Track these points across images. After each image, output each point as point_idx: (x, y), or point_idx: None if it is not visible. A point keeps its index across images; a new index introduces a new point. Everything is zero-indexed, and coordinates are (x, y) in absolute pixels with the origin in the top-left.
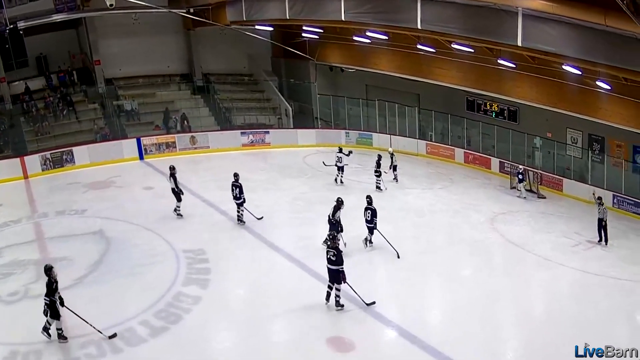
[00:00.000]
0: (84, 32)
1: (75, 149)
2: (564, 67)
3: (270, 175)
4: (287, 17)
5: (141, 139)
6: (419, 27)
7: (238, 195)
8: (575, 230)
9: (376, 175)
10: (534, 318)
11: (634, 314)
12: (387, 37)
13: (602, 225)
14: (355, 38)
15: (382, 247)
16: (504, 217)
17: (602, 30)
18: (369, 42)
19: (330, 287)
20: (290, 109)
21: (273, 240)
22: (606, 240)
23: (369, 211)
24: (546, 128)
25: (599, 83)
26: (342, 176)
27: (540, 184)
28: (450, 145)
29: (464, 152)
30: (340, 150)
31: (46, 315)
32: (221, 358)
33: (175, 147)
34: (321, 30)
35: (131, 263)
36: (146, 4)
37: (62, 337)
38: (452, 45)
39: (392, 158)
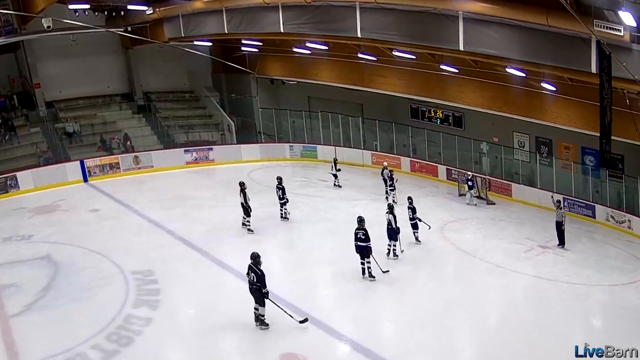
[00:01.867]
0: (23, 56)
1: (19, 174)
2: (507, 70)
3: (216, 192)
4: (226, 32)
5: (84, 161)
6: (359, 35)
7: (282, 196)
8: (526, 235)
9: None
10: (488, 327)
11: (590, 318)
12: (327, 47)
13: (560, 229)
14: (295, 49)
15: (333, 262)
16: (454, 225)
17: (545, 31)
18: (309, 53)
19: (362, 263)
20: (232, 124)
21: (222, 258)
22: (563, 243)
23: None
24: (492, 133)
25: (544, 85)
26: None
27: (489, 190)
28: (396, 155)
29: (410, 160)
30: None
31: None
32: None
33: (119, 167)
34: (260, 43)
35: (80, 287)
36: (83, 24)
37: None
38: (394, 53)
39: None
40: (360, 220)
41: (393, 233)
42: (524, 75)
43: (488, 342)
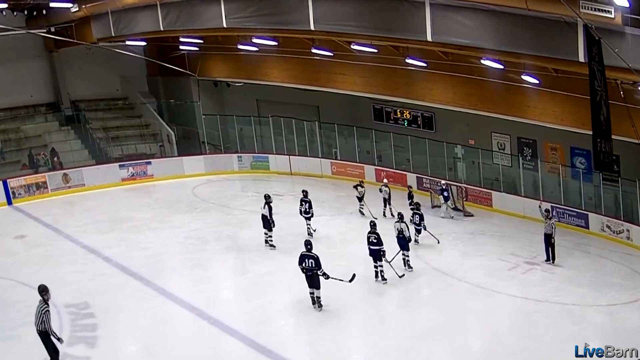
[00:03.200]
0: None
1: None
2: (483, 62)
3: (157, 212)
4: (161, 29)
5: (7, 181)
6: (312, 28)
7: (307, 210)
8: (510, 250)
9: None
10: (471, 356)
11: (587, 344)
12: (276, 43)
13: (549, 242)
14: (241, 47)
15: (292, 288)
16: (427, 242)
17: (524, 15)
18: (256, 51)
19: (375, 266)
20: (172, 134)
21: (165, 287)
22: (553, 259)
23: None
24: (468, 135)
25: (525, 77)
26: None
27: (466, 200)
28: (359, 163)
29: (375, 169)
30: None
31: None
32: None
33: (47, 187)
34: (201, 41)
35: (9, 324)
36: (0, 26)
37: None
38: (352, 47)
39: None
40: (373, 225)
41: (404, 242)
42: (501, 67)
43: None
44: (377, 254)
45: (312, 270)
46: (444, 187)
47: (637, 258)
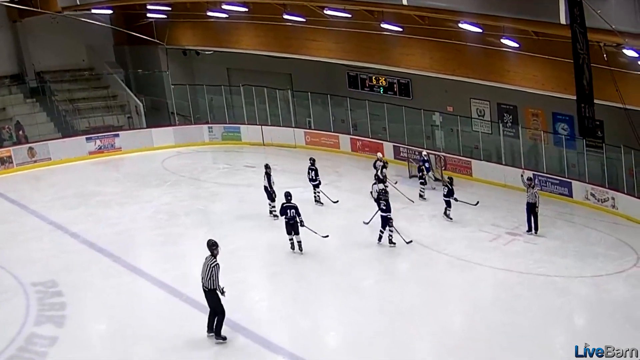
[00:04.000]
0: None
1: None
2: (460, 25)
3: (126, 187)
4: None
5: None
6: None
7: (314, 178)
8: (491, 221)
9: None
10: (452, 334)
11: (572, 317)
12: (247, 9)
13: (532, 212)
14: (210, 13)
15: (267, 262)
16: (406, 213)
17: None
18: (226, 17)
19: (382, 231)
20: (141, 105)
21: (135, 264)
22: (536, 229)
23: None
24: (446, 101)
25: (504, 41)
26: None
27: (445, 169)
28: (334, 132)
29: (350, 138)
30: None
31: None
32: None
33: (12, 162)
34: (169, 8)
35: None
36: None
37: None
38: (325, 12)
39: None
40: (385, 192)
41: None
42: (480, 31)
43: (453, 353)
44: (385, 220)
45: (294, 218)
46: (425, 158)
47: (623, 227)
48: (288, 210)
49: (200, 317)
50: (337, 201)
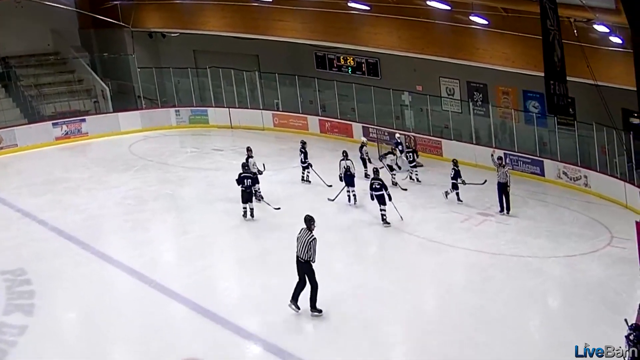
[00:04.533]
0: None
1: None
2: (428, 3)
3: (93, 172)
4: None
5: None
6: None
7: (304, 160)
8: (463, 202)
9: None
10: (424, 318)
11: (546, 299)
12: None
13: (504, 192)
14: None
15: (236, 248)
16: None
17: None
18: None
19: (381, 209)
20: (107, 89)
21: (104, 251)
22: (508, 209)
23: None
24: (415, 81)
25: (473, 18)
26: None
27: (415, 148)
28: (302, 114)
29: (319, 119)
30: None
31: None
32: None
33: None
34: None
35: None
36: None
37: None
38: None
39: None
40: (376, 172)
41: (350, 179)
42: (448, 8)
43: (424, 338)
44: (381, 198)
45: (250, 187)
46: (399, 141)
47: (596, 206)
48: (245, 180)
49: (169, 302)
50: (331, 185)
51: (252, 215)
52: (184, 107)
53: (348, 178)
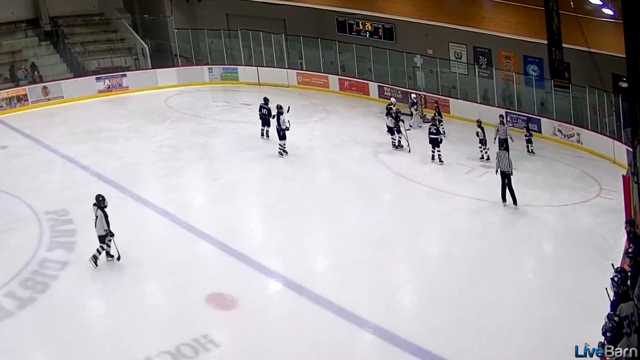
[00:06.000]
0: None
1: None
2: None
3: (132, 123)
4: None
5: None
6: None
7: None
8: (467, 155)
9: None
10: (430, 258)
11: (540, 244)
12: None
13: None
14: None
15: (261, 194)
16: (389, 148)
17: None
18: None
19: (432, 151)
20: (146, 47)
21: (140, 194)
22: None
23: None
24: (426, 45)
25: None
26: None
27: (425, 107)
28: (323, 73)
29: (339, 78)
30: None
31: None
32: (95, 327)
33: (27, 100)
34: None
35: None
36: None
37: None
38: None
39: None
40: (433, 118)
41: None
42: None
43: (430, 276)
44: (435, 141)
45: (267, 116)
46: (414, 100)
47: (587, 160)
48: (263, 109)
49: (199, 242)
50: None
51: (267, 135)
52: (216, 65)
53: (279, 132)
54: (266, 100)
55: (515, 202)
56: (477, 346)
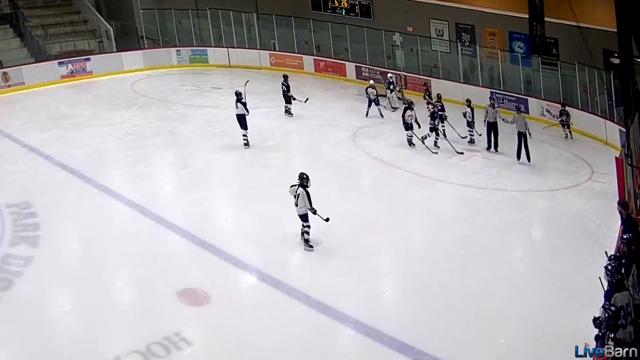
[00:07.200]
0: None
1: None
2: None
3: (97, 109)
4: None
5: None
6: None
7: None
8: (451, 137)
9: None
10: (413, 247)
11: (529, 231)
12: None
13: (493, 130)
14: None
15: (233, 181)
16: (368, 131)
17: None
18: None
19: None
20: (111, 29)
21: (106, 184)
22: (496, 146)
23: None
24: (406, 22)
25: None
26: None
27: (405, 88)
28: (297, 54)
29: (314, 59)
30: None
31: None
32: (61, 325)
33: None
34: None
35: None
36: None
37: None
38: None
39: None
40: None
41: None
42: None
43: (413, 265)
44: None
45: (286, 92)
46: (391, 80)
47: (578, 142)
48: (283, 86)
49: (168, 234)
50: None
51: (290, 113)
52: (185, 47)
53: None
54: (285, 76)
55: (529, 159)
56: (464, 339)
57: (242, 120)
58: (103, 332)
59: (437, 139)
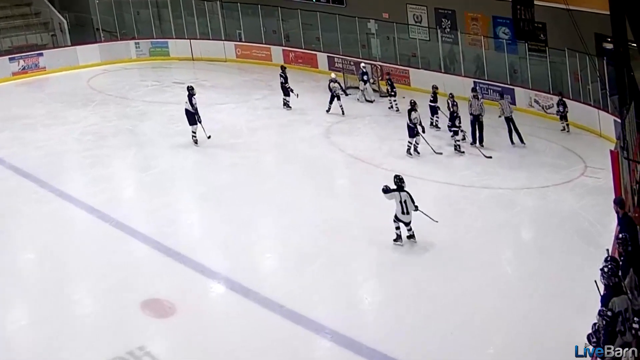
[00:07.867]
0: None
1: None
2: None
3: (51, 108)
4: None
5: None
6: None
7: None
8: (432, 132)
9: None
10: (392, 253)
11: (519, 231)
12: None
13: (478, 123)
14: None
15: (198, 182)
16: (341, 127)
17: None
18: None
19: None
20: (65, 22)
21: (63, 188)
22: (481, 141)
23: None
24: (381, 8)
25: None
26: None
27: (381, 79)
28: (265, 44)
29: (283, 50)
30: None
31: None
32: (18, 341)
33: None
34: None
35: None
36: None
37: None
38: None
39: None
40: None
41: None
42: None
43: (393, 272)
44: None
45: (283, 84)
46: (364, 70)
47: (570, 134)
48: (280, 77)
49: (130, 241)
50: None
51: (288, 106)
52: (144, 39)
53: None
54: (283, 68)
55: (522, 140)
56: (449, 350)
57: (190, 116)
58: (63, 347)
59: (462, 140)
